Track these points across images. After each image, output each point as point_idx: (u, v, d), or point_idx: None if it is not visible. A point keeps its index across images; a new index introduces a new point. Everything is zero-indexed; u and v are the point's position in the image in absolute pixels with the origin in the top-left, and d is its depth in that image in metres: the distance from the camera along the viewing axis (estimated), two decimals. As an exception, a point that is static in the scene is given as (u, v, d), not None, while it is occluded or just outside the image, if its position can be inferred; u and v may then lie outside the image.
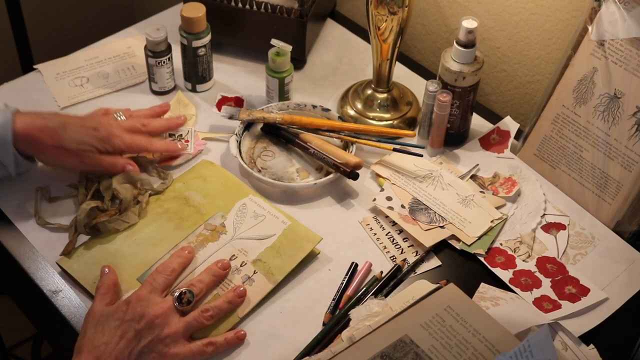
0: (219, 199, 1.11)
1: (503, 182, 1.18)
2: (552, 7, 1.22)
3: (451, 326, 0.92)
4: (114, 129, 1.11)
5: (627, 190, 1.11)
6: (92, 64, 1.33)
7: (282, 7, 1.30)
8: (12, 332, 1.79)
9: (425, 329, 0.92)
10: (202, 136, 1.22)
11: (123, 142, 1.11)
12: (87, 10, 1.96)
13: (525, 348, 0.82)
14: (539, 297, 1.04)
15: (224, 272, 1.02)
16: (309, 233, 1.08)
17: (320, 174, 1.18)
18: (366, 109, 1.28)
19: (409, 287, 1.02)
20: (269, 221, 1.09)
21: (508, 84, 1.35)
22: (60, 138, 1.06)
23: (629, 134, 1.10)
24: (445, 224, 1.11)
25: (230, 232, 1.07)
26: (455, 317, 0.93)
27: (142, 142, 1.13)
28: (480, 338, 0.91)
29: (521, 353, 0.82)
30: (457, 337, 0.91)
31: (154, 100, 1.28)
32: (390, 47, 1.21)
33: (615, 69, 1.10)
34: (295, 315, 1.01)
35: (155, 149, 1.15)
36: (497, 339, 0.91)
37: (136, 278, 1.01)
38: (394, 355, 0.90)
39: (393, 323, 0.94)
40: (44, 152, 1.08)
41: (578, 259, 1.10)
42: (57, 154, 1.08)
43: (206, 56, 1.27)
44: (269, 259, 1.04)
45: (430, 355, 0.90)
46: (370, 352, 0.91)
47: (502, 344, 0.91)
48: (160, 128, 1.19)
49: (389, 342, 0.91)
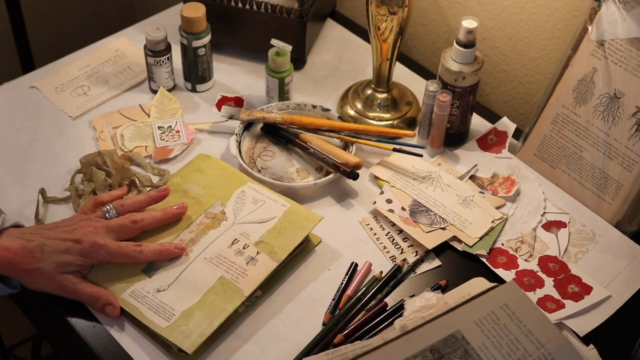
0: (217, 189, 1.11)
1: (502, 182, 1.18)
2: (552, 7, 1.22)
3: (505, 325, 0.91)
4: (98, 238, 0.99)
5: (627, 190, 1.11)
6: (87, 72, 1.33)
7: (282, 7, 1.30)
8: (12, 332, 1.79)
9: (479, 326, 0.91)
10: (192, 127, 1.24)
11: (108, 252, 0.99)
12: (87, 10, 1.96)
13: (545, 356, 0.82)
14: (543, 297, 1.04)
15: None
16: (309, 213, 1.08)
17: (320, 174, 1.18)
18: (366, 109, 1.28)
19: (467, 283, 1.02)
20: (268, 205, 1.09)
21: (508, 84, 1.35)
22: (37, 261, 0.97)
23: (628, 134, 1.10)
24: (446, 225, 1.11)
25: (230, 218, 1.07)
26: (511, 315, 0.91)
27: (130, 252, 1.00)
28: (532, 339, 0.89)
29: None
30: (509, 337, 0.90)
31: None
32: (390, 47, 1.21)
33: (615, 69, 1.10)
34: (295, 315, 1.02)
35: (144, 260, 1.01)
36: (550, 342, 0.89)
37: (140, 270, 1.02)
38: (443, 350, 0.89)
39: (447, 317, 0.92)
40: (20, 275, 0.98)
41: (580, 256, 1.10)
42: (33, 278, 0.98)
43: (206, 56, 1.27)
44: (271, 239, 1.05)
45: (480, 354, 0.88)
46: (421, 345, 0.89)
47: (555, 348, 0.88)
48: (154, 223, 1.05)
49: (441, 336, 0.90)
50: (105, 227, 1.01)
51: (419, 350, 0.89)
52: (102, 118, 1.25)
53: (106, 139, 1.21)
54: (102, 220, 1.02)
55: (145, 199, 1.07)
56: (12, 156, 1.19)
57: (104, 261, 1.00)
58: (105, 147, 1.20)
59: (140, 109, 1.27)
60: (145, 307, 0.98)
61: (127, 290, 1.00)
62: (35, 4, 1.84)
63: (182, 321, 0.96)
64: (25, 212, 1.11)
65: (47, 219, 1.10)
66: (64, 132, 1.23)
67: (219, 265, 1.02)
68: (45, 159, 1.18)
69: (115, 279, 1.01)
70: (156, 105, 1.27)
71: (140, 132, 1.23)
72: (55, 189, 1.14)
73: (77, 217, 1.04)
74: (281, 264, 1.04)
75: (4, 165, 1.17)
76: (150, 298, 0.99)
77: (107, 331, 0.99)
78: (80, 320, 1.00)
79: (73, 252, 0.98)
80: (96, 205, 1.06)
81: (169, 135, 1.22)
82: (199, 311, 0.97)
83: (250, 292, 1.00)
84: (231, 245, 1.04)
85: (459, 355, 0.89)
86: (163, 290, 1.00)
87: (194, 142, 1.22)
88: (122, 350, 0.97)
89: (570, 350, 0.88)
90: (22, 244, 0.98)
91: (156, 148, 1.20)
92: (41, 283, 0.98)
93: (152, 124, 1.24)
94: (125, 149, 1.20)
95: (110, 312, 0.98)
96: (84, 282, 0.99)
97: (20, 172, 1.16)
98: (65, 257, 0.98)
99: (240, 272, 1.01)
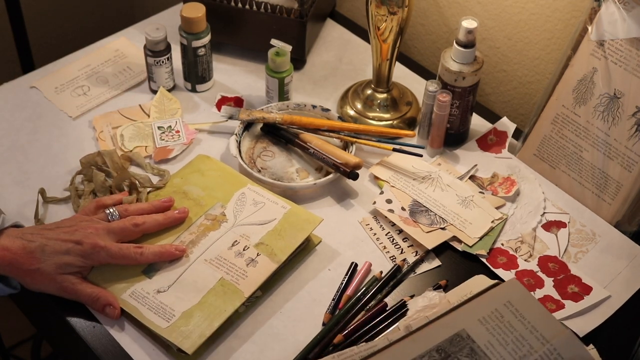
0: (217, 191, 1.12)
1: (502, 182, 1.18)
2: (552, 7, 1.22)
3: (509, 322, 0.91)
4: (99, 240, 0.99)
5: (626, 190, 1.11)
6: (87, 72, 1.33)
7: (282, 7, 1.30)
8: (12, 332, 1.79)
9: (483, 324, 0.91)
10: (192, 127, 1.24)
11: (109, 254, 0.99)
12: (87, 10, 1.96)
13: (551, 352, 0.82)
14: (542, 298, 1.04)
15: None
16: (309, 215, 1.08)
17: (320, 174, 1.18)
18: (366, 109, 1.28)
19: (468, 282, 1.02)
20: (268, 207, 1.09)
21: (508, 84, 1.35)
22: (37, 261, 0.97)
23: (628, 134, 1.10)
24: (446, 225, 1.11)
25: (231, 220, 1.08)
26: (515, 312, 0.92)
27: (130, 254, 1.00)
28: (537, 335, 0.90)
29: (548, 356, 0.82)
30: (514, 334, 0.90)
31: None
32: (390, 47, 1.21)
33: (615, 69, 1.10)
34: (295, 315, 1.02)
35: (145, 261, 1.02)
36: (555, 337, 0.89)
37: (141, 271, 1.02)
38: (449, 350, 0.89)
39: (451, 317, 0.92)
40: (21, 275, 0.98)
41: (579, 256, 1.10)
42: (33, 279, 0.98)
43: (206, 56, 1.27)
44: (271, 241, 1.05)
45: (486, 351, 0.89)
46: (426, 345, 0.90)
47: (561, 343, 0.89)
48: (155, 227, 1.05)
49: (446, 336, 0.90)
50: (106, 229, 1.01)
51: (425, 350, 0.89)
52: (102, 118, 1.25)
53: (106, 139, 1.21)
54: (104, 222, 1.03)
55: (148, 207, 1.07)
56: (12, 156, 1.19)
57: (104, 262, 1.00)
58: (105, 147, 1.20)
59: (140, 109, 1.27)
60: (146, 307, 0.98)
61: (127, 291, 1.00)
62: (35, 4, 1.84)
63: (182, 322, 0.96)
64: (25, 212, 1.11)
65: (46, 219, 1.10)
66: (64, 132, 1.23)
67: (219, 267, 1.02)
68: (45, 159, 1.18)
69: (115, 279, 1.01)
70: (156, 106, 1.27)
71: (140, 132, 1.23)
72: (55, 189, 1.14)
73: (78, 218, 1.04)
74: (281, 266, 1.04)
75: (4, 165, 1.17)
76: (151, 299, 0.99)
77: (107, 331, 0.99)
78: (80, 320, 1.00)
79: (74, 253, 0.98)
80: (98, 207, 1.06)
81: (169, 135, 1.22)
82: (199, 312, 0.97)
83: (250, 293, 1.00)
84: (231, 247, 1.04)
85: (465, 353, 0.89)
86: (163, 291, 1.00)
87: (194, 142, 1.22)
88: (122, 351, 0.97)
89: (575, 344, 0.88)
90: (23, 244, 0.97)
91: (156, 148, 1.21)
92: (41, 284, 0.98)
93: (152, 124, 1.24)
94: (125, 149, 1.20)
95: (110, 312, 0.98)
96: (84, 283, 0.99)
97: (20, 172, 1.16)
98: (65, 258, 0.98)
99: (240, 273, 1.01)
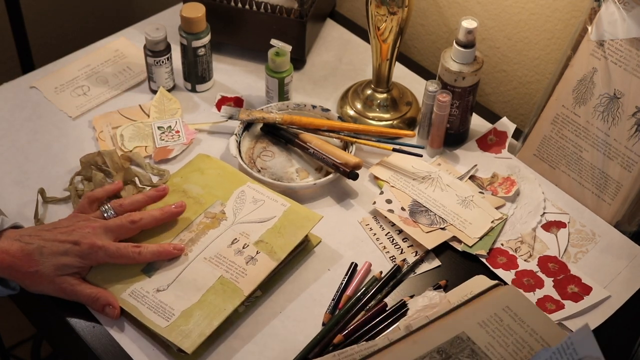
0: (217, 189, 1.12)
1: (502, 182, 1.18)
2: (552, 7, 1.22)
3: (509, 325, 0.92)
4: (97, 240, 0.99)
5: (626, 190, 1.11)
6: (86, 72, 1.33)
7: (282, 7, 1.30)
8: (12, 332, 1.79)
9: (483, 327, 0.92)
10: (192, 127, 1.24)
11: (107, 254, 0.99)
12: (87, 10, 1.96)
13: (568, 345, 0.81)
14: (542, 298, 1.04)
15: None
16: (309, 213, 1.08)
17: (319, 174, 1.18)
18: (366, 109, 1.28)
19: (468, 281, 1.03)
20: (268, 205, 1.09)
21: (508, 84, 1.35)
22: (36, 264, 0.97)
23: (628, 134, 1.10)
24: (446, 225, 1.11)
25: (230, 218, 1.08)
26: (513, 317, 0.93)
27: (129, 253, 1.00)
28: (537, 338, 0.91)
29: (565, 350, 0.81)
30: (514, 336, 0.91)
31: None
32: (390, 47, 1.21)
33: (614, 69, 1.10)
34: (295, 315, 1.02)
35: (143, 261, 1.01)
36: (554, 339, 0.90)
37: (140, 270, 1.02)
38: (450, 351, 0.90)
39: (451, 319, 0.93)
40: (20, 278, 0.98)
41: (579, 257, 1.10)
42: (33, 281, 0.98)
43: (206, 56, 1.27)
44: (270, 239, 1.05)
45: (487, 352, 0.89)
46: (427, 346, 0.90)
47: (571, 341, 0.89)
48: (153, 223, 1.04)
49: (446, 338, 0.91)
50: (103, 228, 1.01)
51: (426, 351, 0.90)
52: (102, 118, 1.25)
53: (106, 139, 1.21)
54: (100, 221, 1.02)
55: (143, 198, 1.07)
56: (12, 156, 1.19)
57: (102, 262, 1.00)
58: (105, 147, 1.20)
59: (140, 109, 1.27)
60: (145, 307, 0.98)
61: (127, 290, 1.00)
62: (35, 4, 1.84)
63: (181, 321, 0.96)
64: (25, 212, 1.11)
65: (46, 219, 1.10)
66: (64, 132, 1.23)
67: (219, 265, 1.02)
68: (45, 159, 1.18)
69: (114, 279, 1.01)
70: (156, 106, 1.27)
71: (140, 132, 1.23)
72: (55, 189, 1.14)
73: (75, 217, 1.03)
74: (281, 264, 1.04)
75: (4, 165, 1.17)
76: (150, 298, 0.99)
77: (106, 331, 0.99)
78: (80, 320, 1.00)
79: (72, 254, 0.98)
80: (91, 201, 1.05)
81: (169, 135, 1.22)
82: (199, 311, 0.97)
83: (249, 291, 1.00)
84: (231, 245, 1.04)
85: (466, 354, 0.89)
86: (163, 290, 1.00)
87: (194, 142, 1.22)
88: (122, 350, 0.97)
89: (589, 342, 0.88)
90: (21, 246, 0.97)
91: (156, 148, 1.21)
92: (41, 285, 0.98)
93: (151, 124, 1.24)
94: (125, 149, 1.20)
95: (110, 312, 0.98)
96: (83, 284, 0.99)
97: (20, 172, 1.16)
98: (64, 259, 0.98)
99: (240, 271, 1.01)
